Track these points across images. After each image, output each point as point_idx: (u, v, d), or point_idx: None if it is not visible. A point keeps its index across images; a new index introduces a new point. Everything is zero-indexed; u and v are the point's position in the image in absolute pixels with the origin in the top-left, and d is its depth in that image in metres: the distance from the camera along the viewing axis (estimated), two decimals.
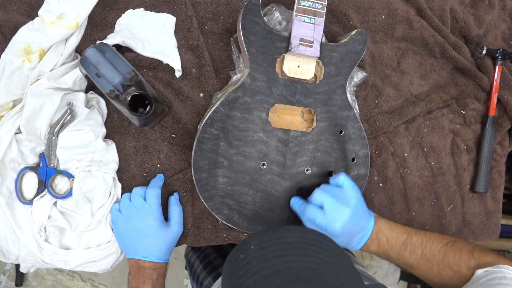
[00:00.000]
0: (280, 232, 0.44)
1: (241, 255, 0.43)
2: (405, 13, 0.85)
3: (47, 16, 0.67)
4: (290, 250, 0.42)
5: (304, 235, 0.44)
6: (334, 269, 0.41)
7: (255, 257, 0.42)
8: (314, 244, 0.43)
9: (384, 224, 0.71)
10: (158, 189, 0.73)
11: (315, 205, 0.68)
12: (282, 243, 0.43)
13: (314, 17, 0.70)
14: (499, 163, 0.92)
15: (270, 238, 0.43)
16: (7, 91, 0.68)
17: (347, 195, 0.68)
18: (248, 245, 0.43)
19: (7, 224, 0.69)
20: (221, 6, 0.79)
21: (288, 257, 0.41)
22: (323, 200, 0.67)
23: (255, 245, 0.43)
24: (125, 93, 0.67)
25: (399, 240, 0.70)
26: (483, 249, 0.67)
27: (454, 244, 0.68)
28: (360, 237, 0.69)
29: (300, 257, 0.41)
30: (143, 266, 0.71)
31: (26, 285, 1.73)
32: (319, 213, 0.67)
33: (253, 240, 0.44)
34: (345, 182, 0.69)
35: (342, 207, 0.67)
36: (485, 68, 0.88)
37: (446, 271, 0.67)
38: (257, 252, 0.42)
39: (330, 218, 0.67)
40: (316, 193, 0.68)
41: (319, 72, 0.72)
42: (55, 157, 0.70)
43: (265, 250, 0.42)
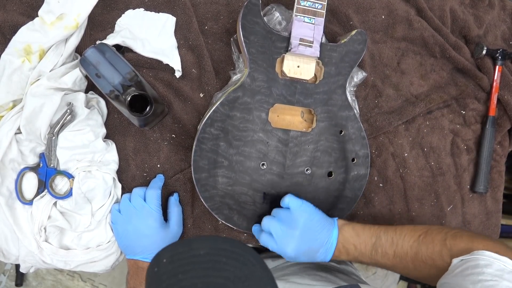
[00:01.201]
0: (193, 244, 0.42)
1: (155, 269, 0.41)
2: (405, 13, 0.85)
3: (47, 16, 0.67)
4: (199, 264, 0.40)
5: (216, 246, 0.42)
6: (244, 282, 0.40)
7: (166, 271, 0.40)
8: (225, 255, 0.41)
9: (349, 232, 0.68)
10: (158, 189, 0.73)
11: (266, 232, 0.69)
12: (192, 256, 0.41)
13: (314, 17, 0.70)
14: (499, 163, 0.92)
15: (181, 251, 0.42)
16: (7, 91, 0.68)
17: (294, 217, 0.67)
18: (161, 258, 0.42)
19: (7, 224, 0.69)
20: (221, 6, 0.79)
21: (196, 272, 0.39)
22: (269, 227, 0.68)
23: (167, 258, 0.41)
24: (125, 93, 0.67)
25: (368, 245, 0.67)
26: (455, 234, 0.63)
27: (426, 236, 0.65)
28: (324, 252, 0.68)
29: (208, 271, 0.39)
30: (142, 267, 0.71)
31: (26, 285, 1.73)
32: (271, 240, 0.68)
33: (166, 252, 0.42)
34: (291, 203, 0.68)
35: (289, 231, 0.66)
36: (485, 68, 0.88)
37: (422, 266, 0.64)
38: (167, 266, 0.41)
39: (280, 244, 0.67)
40: (264, 220, 0.69)
41: (319, 72, 0.72)
42: (55, 157, 0.70)
43: (175, 264, 0.40)
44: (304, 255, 0.67)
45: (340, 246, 0.68)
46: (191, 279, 0.39)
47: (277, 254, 0.69)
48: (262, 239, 0.70)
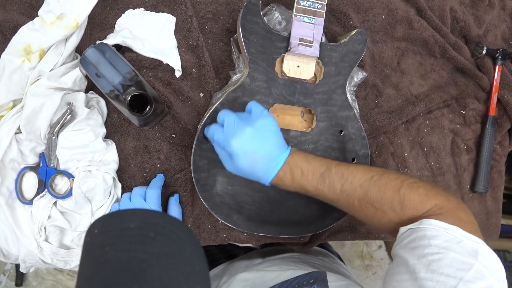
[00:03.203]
0: (124, 216, 0.41)
1: (87, 238, 0.40)
2: (405, 13, 0.85)
3: (47, 16, 0.67)
4: (127, 238, 0.39)
5: (148, 220, 0.40)
6: (168, 259, 0.38)
7: (95, 242, 0.39)
8: (155, 230, 0.39)
9: (300, 156, 0.64)
10: (158, 189, 0.72)
11: (219, 123, 0.65)
12: (121, 229, 0.39)
13: (314, 17, 0.70)
14: (499, 163, 0.92)
15: (112, 222, 0.40)
16: (7, 91, 0.68)
17: (252, 117, 0.63)
18: (93, 228, 0.40)
19: (7, 224, 0.69)
20: (221, 6, 0.79)
21: (122, 245, 0.38)
22: (224, 117, 0.64)
23: (99, 228, 0.40)
24: (125, 93, 0.67)
25: (316, 173, 0.62)
26: (411, 185, 0.59)
27: (379, 178, 0.61)
28: (267, 164, 0.62)
29: (134, 246, 0.38)
30: None
31: (26, 285, 1.73)
32: (219, 129, 0.64)
33: (98, 223, 0.41)
34: (254, 107, 0.65)
35: (242, 124, 0.62)
36: (485, 68, 0.88)
37: (368, 208, 0.60)
38: (98, 236, 0.39)
39: (228, 133, 0.62)
40: (221, 111, 0.65)
41: (319, 72, 0.72)
42: (55, 157, 0.70)
43: (105, 235, 0.39)
44: (245, 157, 0.62)
45: (286, 168, 0.63)
46: (116, 252, 0.38)
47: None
48: (211, 128, 0.65)
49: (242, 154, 0.62)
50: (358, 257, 1.92)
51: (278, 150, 0.64)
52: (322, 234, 0.83)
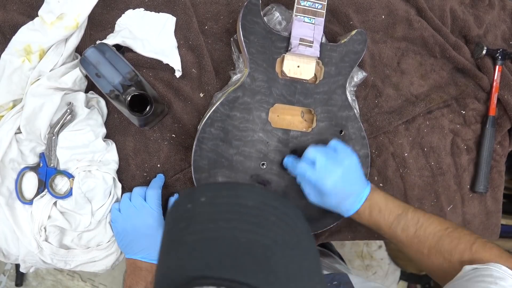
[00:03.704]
0: (240, 190, 0.37)
1: (188, 205, 0.36)
2: (405, 13, 0.85)
3: (47, 16, 0.67)
4: (244, 216, 0.35)
5: (267, 201, 0.36)
6: (292, 250, 0.34)
7: (202, 212, 0.35)
8: (275, 214, 0.36)
9: (380, 195, 0.69)
10: (158, 189, 0.72)
11: (308, 161, 0.67)
12: (237, 205, 0.35)
13: (314, 17, 0.70)
14: (499, 163, 0.92)
15: (225, 195, 0.36)
16: (7, 91, 0.68)
17: (340, 156, 0.67)
18: (198, 195, 0.36)
19: (7, 224, 0.69)
20: (221, 6, 0.79)
21: (239, 224, 0.34)
22: (315, 156, 0.66)
23: (207, 198, 0.36)
24: (125, 93, 0.67)
25: (393, 214, 0.67)
26: (486, 244, 0.62)
27: (454, 231, 0.64)
28: (353, 201, 0.67)
29: (254, 227, 0.34)
30: (140, 267, 0.71)
31: (26, 285, 1.73)
32: (310, 169, 0.66)
33: (206, 191, 0.37)
34: (339, 146, 0.68)
35: (334, 165, 0.65)
36: (485, 68, 0.88)
37: (437, 257, 0.63)
38: (206, 207, 0.35)
39: (321, 174, 0.65)
40: (309, 149, 0.67)
41: (319, 72, 0.72)
42: (55, 157, 0.70)
43: (216, 207, 0.35)
44: (336, 196, 0.66)
45: (366, 204, 0.67)
46: (233, 231, 0.33)
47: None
48: (300, 166, 0.67)
49: (334, 193, 0.66)
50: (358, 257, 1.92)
51: (362, 187, 0.68)
52: (322, 234, 0.83)
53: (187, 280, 0.31)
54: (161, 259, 0.36)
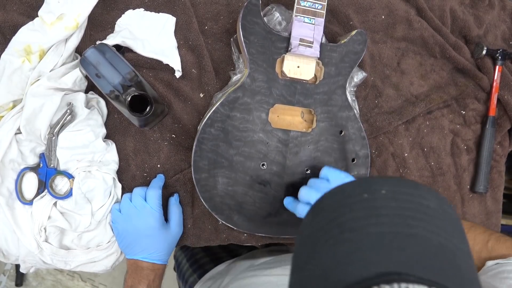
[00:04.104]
0: (420, 189, 0.35)
1: (365, 194, 0.34)
2: (405, 13, 0.85)
3: (47, 17, 0.67)
4: (430, 217, 0.33)
5: (444, 206, 0.35)
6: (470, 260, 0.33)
7: (386, 206, 0.34)
8: (452, 221, 0.35)
9: None
10: (158, 189, 0.73)
11: (304, 203, 0.67)
12: (422, 205, 0.34)
13: (314, 17, 0.70)
14: (499, 163, 0.92)
15: (407, 192, 0.35)
16: (7, 91, 0.68)
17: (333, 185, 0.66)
18: (377, 187, 0.35)
19: (7, 225, 0.69)
20: (221, 6, 0.79)
21: (428, 225, 0.33)
22: (309, 197, 0.65)
23: (388, 191, 0.34)
24: (125, 93, 0.67)
25: None
26: (499, 238, 0.61)
27: (468, 231, 0.63)
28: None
29: (440, 231, 0.33)
30: (141, 266, 0.71)
31: (26, 285, 1.73)
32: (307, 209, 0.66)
33: (385, 185, 0.35)
34: (329, 175, 0.66)
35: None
36: (485, 68, 0.88)
37: None
38: (389, 201, 0.34)
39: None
40: (302, 191, 0.66)
41: (319, 72, 0.72)
42: (55, 158, 0.70)
43: (400, 203, 0.34)
44: None
45: None
46: (424, 231, 0.32)
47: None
48: (299, 209, 0.67)
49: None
50: None
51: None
52: None
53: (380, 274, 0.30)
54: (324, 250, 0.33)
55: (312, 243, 0.34)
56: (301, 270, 0.34)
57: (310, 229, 0.36)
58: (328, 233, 0.34)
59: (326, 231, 0.34)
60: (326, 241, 0.33)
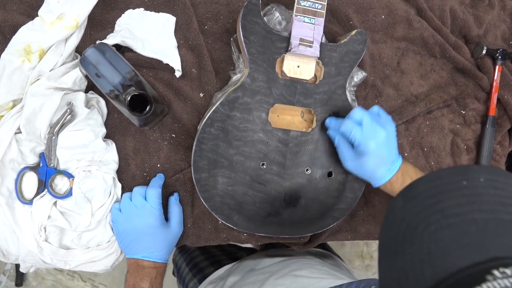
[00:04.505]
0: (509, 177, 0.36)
1: (464, 182, 0.35)
2: (405, 13, 0.85)
3: (47, 16, 0.67)
4: None
5: None
6: None
7: (486, 193, 0.34)
8: None
9: (411, 166, 0.71)
10: (158, 188, 0.73)
11: (354, 120, 0.69)
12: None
13: (314, 17, 0.70)
14: (499, 163, 0.92)
15: (503, 181, 0.35)
16: (7, 91, 0.68)
17: (383, 121, 0.69)
18: (475, 175, 0.35)
19: (7, 224, 0.69)
20: (221, 6, 0.79)
21: None
22: (362, 116, 0.68)
23: (486, 179, 0.35)
24: (125, 93, 0.67)
25: None
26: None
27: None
28: (387, 169, 0.69)
29: None
30: (142, 265, 0.71)
31: (26, 285, 1.73)
32: (357, 127, 0.68)
33: (482, 172, 0.36)
34: (381, 112, 0.71)
35: (379, 127, 0.68)
36: (485, 68, 0.88)
37: None
38: (488, 188, 0.35)
39: (367, 134, 0.67)
40: (356, 109, 0.69)
41: (319, 72, 0.72)
42: (55, 157, 0.70)
43: (498, 191, 0.35)
44: (375, 158, 0.68)
45: (399, 174, 0.70)
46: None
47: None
48: (346, 124, 0.69)
49: (374, 155, 0.68)
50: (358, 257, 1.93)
51: (396, 156, 0.71)
52: (322, 234, 0.83)
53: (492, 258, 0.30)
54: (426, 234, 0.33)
55: (408, 228, 0.34)
56: (396, 255, 0.34)
57: (403, 213, 0.36)
58: (428, 218, 0.34)
59: (425, 216, 0.34)
60: (427, 226, 0.33)
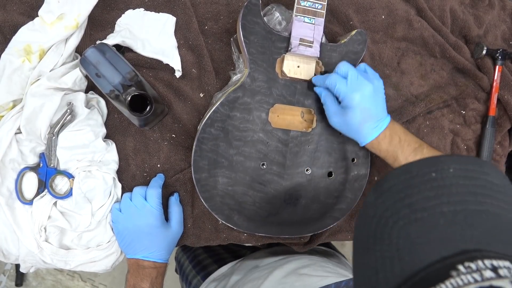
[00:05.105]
0: (484, 166, 0.35)
1: (433, 174, 0.34)
2: (405, 13, 0.85)
3: (47, 16, 0.67)
4: (496, 193, 0.33)
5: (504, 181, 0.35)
6: None
7: (455, 184, 0.33)
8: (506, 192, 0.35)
9: (399, 127, 0.70)
10: (158, 188, 0.73)
11: (340, 73, 0.68)
12: (488, 181, 0.34)
13: (314, 17, 0.70)
14: (499, 163, 0.92)
15: (473, 170, 0.34)
16: (7, 91, 0.68)
17: (370, 76, 0.68)
18: (444, 166, 0.34)
19: (7, 224, 0.69)
20: (221, 6, 0.79)
21: (495, 201, 0.33)
22: (348, 69, 0.67)
23: (455, 170, 0.34)
24: (125, 93, 0.67)
25: (411, 146, 0.67)
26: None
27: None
28: (374, 126, 0.68)
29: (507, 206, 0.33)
30: (143, 265, 0.71)
31: (26, 285, 1.73)
32: (341, 80, 0.66)
33: (452, 162, 0.34)
34: (368, 68, 0.69)
35: (365, 81, 0.66)
36: (485, 68, 0.88)
37: None
38: (457, 179, 0.34)
39: (352, 86, 0.66)
40: (342, 62, 0.68)
41: (319, 72, 0.72)
42: (55, 157, 0.70)
43: (468, 181, 0.34)
44: (360, 112, 0.66)
45: (387, 132, 0.68)
46: (493, 207, 0.32)
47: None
48: (331, 77, 0.67)
49: (359, 109, 0.66)
50: None
51: (384, 112, 0.69)
52: (322, 234, 0.83)
53: (460, 251, 0.30)
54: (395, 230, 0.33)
55: (378, 224, 0.34)
56: (367, 252, 0.34)
57: (374, 210, 0.35)
58: (397, 213, 0.33)
59: (394, 212, 0.34)
60: (396, 222, 0.33)
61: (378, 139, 0.68)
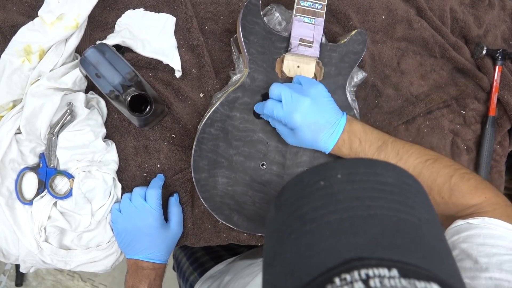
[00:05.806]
0: (376, 167, 0.34)
1: (321, 182, 0.33)
2: (405, 13, 0.85)
3: (47, 17, 0.67)
4: (388, 194, 0.32)
5: (403, 179, 0.34)
6: (433, 227, 0.32)
7: (342, 190, 0.32)
8: (413, 192, 0.34)
9: (358, 126, 0.65)
10: (158, 189, 0.73)
11: (274, 99, 0.65)
12: (379, 182, 0.33)
13: (314, 17, 0.70)
14: (499, 163, 0.92)
15: (363, 172, 0.34)
16: (7, 91, 0.68)
17: (305, 87, 0.64)
18: (332, 172, 0.33)
19: (7, 225, 0.69)
20: (221, 6, 0.79)
21: (386, 202, 0.32)
22: (280, 91, 0.63)
23: (344, 175, 0.33)
24: (125, 93, 0.67)
25: (373, 145, 0.64)
26: (463, 175, 0.59)
27: (433, 163, 0.61)
28: (329, 134, 0.64)
29: (400, 206, 0.32)
30: (142, 266, 0.71)
31: (26, 285, 1.73)
32: (277, 104, 0.64)
33: (340, 168, 0.34)
34: (302, 78, 0.66)
35: (300, 96, 0.62)
36: (485, 68, 0.88)
37: None
38: (345, 184, 0.33)
39: (288, 108, 0.62)
40: (273, 85, 0.65)
41: (319, 72, 0.72)
42: (55, 157, 0.70)
43: (356, 185, 0.33)
44: (309, 128, 0.63)
45: (345, 136, 0.64)
46: (382, 209, 0.31)
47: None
48: (267, 105, 0.65)
49: (306, 126, 0.63)
50: None
51: (336, 116, 0.64)
52: None
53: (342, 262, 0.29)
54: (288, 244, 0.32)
55: (277, 239, 0.33)
56: (270, 267, 0.33)
57: (274, 224, 0.35)
58: (291, 227, 0.33)
59: (288, 225, 0.33)
60: (289, 235, 0.32)
61: (337, 145, 0.65)
